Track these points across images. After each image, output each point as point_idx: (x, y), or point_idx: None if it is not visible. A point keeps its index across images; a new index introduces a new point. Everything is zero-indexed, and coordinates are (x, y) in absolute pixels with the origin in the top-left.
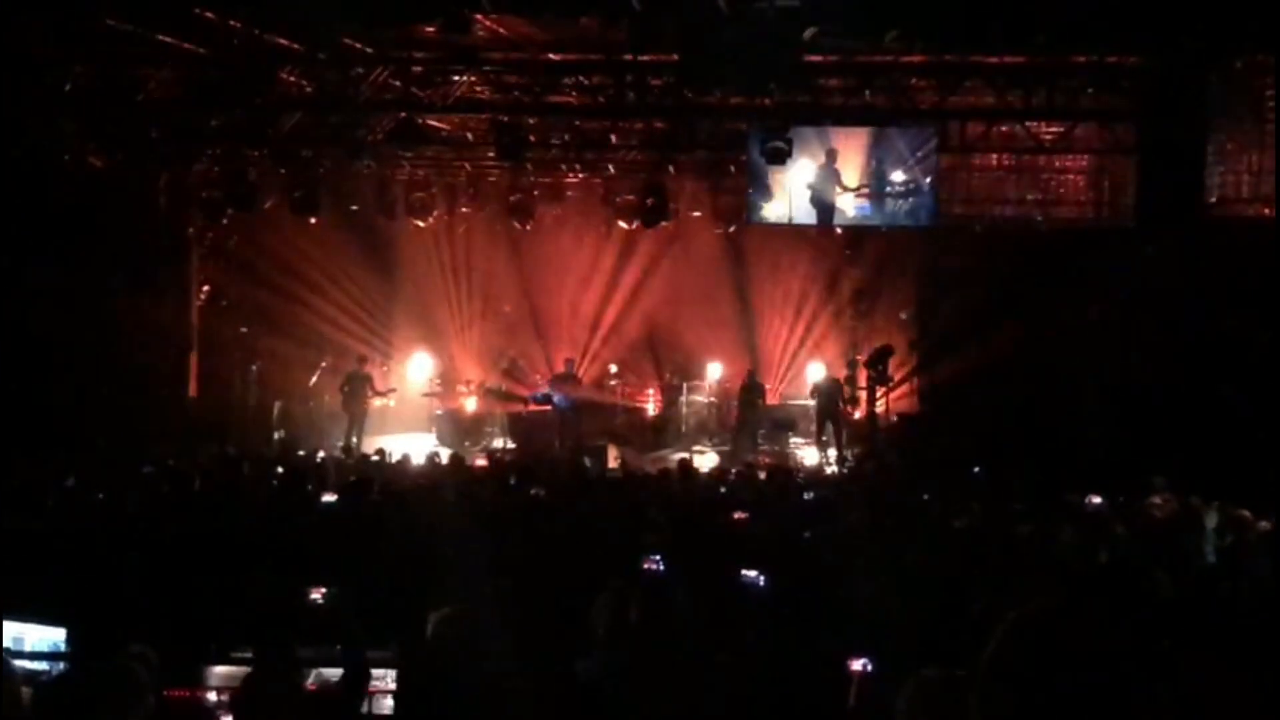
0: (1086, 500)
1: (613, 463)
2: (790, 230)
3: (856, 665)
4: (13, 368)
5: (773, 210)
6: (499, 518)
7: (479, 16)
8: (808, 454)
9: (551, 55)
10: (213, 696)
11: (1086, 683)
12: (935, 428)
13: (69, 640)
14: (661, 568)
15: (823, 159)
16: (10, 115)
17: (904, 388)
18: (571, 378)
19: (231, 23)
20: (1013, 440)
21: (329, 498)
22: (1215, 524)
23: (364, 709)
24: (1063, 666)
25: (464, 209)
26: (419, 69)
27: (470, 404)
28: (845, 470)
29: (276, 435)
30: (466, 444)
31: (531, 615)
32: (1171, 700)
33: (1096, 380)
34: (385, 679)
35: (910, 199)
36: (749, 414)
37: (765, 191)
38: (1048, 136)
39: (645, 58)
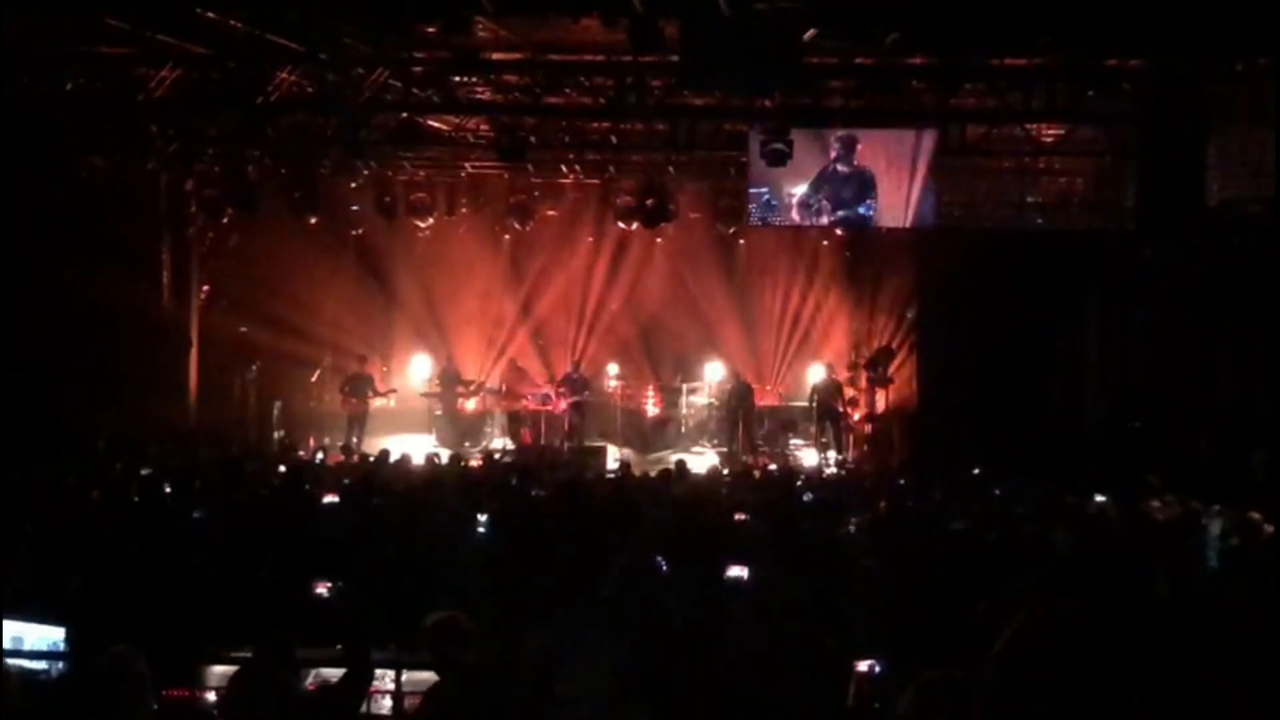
0: (1089, 500)
1: (612, 464)
2: (790, 231)
3: (863, 666)
4: (12, 367)
5: (772, 211)
6: (499, 519)
7: (479, 18)
8: (807, 455)
9: (552, 56)
10: (211, 696)
11: (1093, 686)
12: (935, 429)
13: (68, 640)
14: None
15: (823, 161)
16: (10, 115)
17: (903, 389)
18: (577, 379)
19: (231, 23)
20: (1013, 442)
21: (330, 498)
22: (1220, 529)
23: (363, 709)
24: (1070, 670)
25: (464, 210)
26: (419, 70)
27: (470, 405)
28: (845, 472)
29: (276, 435)
30: (466, 444)
31: (531, 615)
32: (1174, 704)
33: (1096, 381)
34: (385, 679)
35: (910, 200)
36: (740, 417)
37: (765, 192)
38: (1048, 139)
39: (646, 59)
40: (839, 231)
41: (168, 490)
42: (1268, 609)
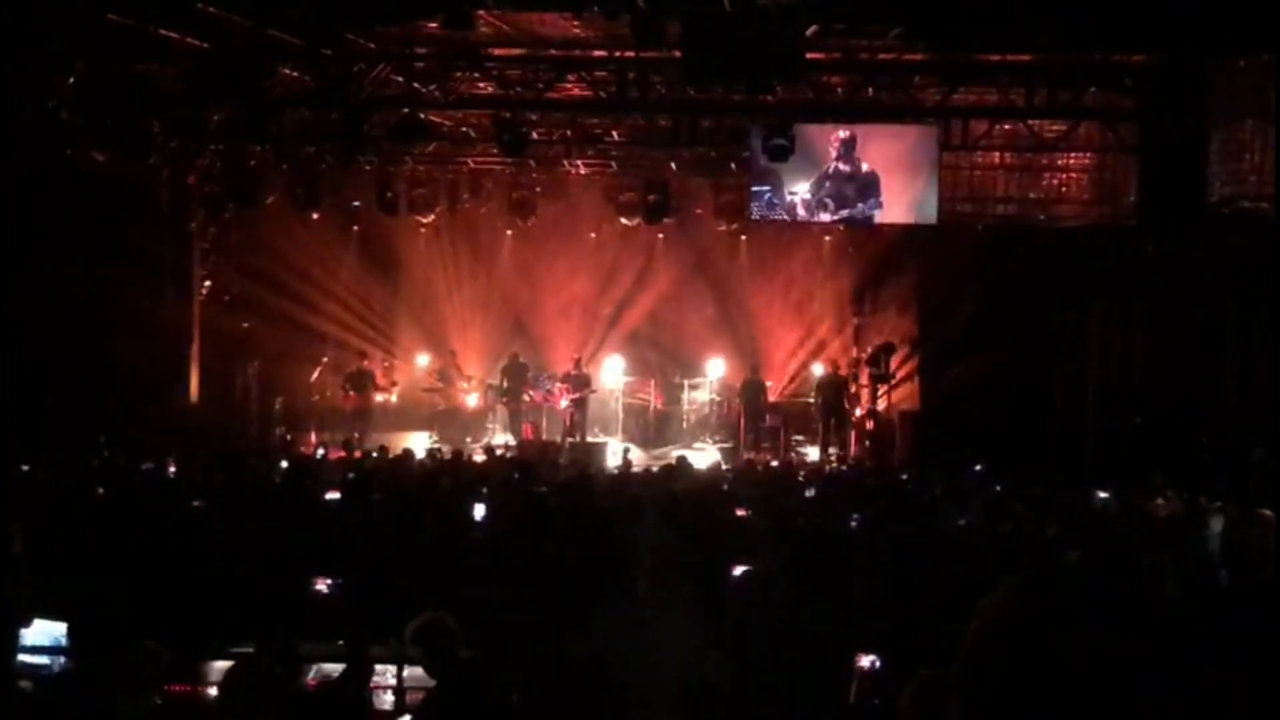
0: (1091, 497)
1: (614, 459)
2: (792, 227)
3: (864, 663)
4: (13, 363)
5: (774, 208)
6: (501, 514)
7: (481, 12)
8: (809, 451)
9: (554, 51)
10: (213, 691)
11: (1059, 677)
12: (937, 425)
13: (70, 635)
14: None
15: (825, 156)
16: (12, 110)
17: (905, 385)
18: (578, 374)
19: (233, 18)
20: (1014, 439)
21: (331, 494)
22: (1222, 527)
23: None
24: (1035, 660)
25: (466, 205)
26: (421, 65)
27: (471, 400)
28: (846, 468)
29: (278, 431)
30: (468, 440)
31: (532, 612)
32: (1174, 700)
33: (1096, 379)
34: (386, 674)
35: (912, 197)
36: (750, 411)
37: (767, 188)
38: (1050, 135)
39: (647, 54)
40: (840, 227)
41: (169, 486)
42: (1270, 605)
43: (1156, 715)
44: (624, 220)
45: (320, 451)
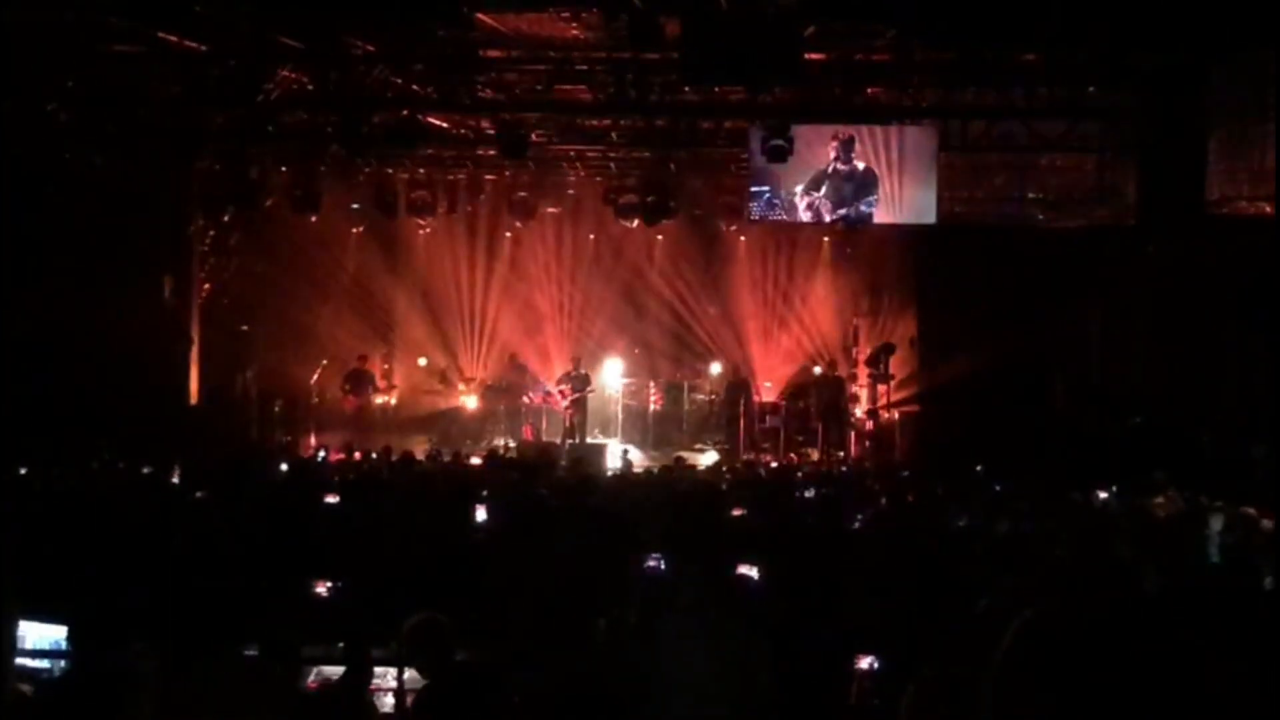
0: (1093, 496)
1: (613, 460)
2: (792, 227)
3: (864, 663)
4: (13, 366)
5: (773, 208)
6: (501, 516)
7: (480, 15)
8: (809, 452)
9: (552, 53)
10: (214, 694)
11: (1104, 683)
12: (937, 426)
13: (70, 638)
14: (662, 566)
15: (823, 157)
16: (11, 112)
17: (905, 386)
18: (578, 376)
19: (233, 20)
20: (1015, 439)
21: (331, 497)
22: (1221, 526)
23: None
24: (1080, 666)
25: (465, 207)
26: (420, 67)
27: (471, 402)
28: (846, 468)
29: (278, 434)
30: (468, 442)
31: (533, 614)
32: (1181, 699)
33: (1097, 379)
34: (387, 677)
35: (912, 197)
36: (736, 412)
37: (766, 190)
38: (1050, 135)
39: (646, 55)
40: (841, 228)
41: (169, 489)
42: (1268, 605)
43: (1165, 714)
44: (623, 221)
45: (320, 453)
